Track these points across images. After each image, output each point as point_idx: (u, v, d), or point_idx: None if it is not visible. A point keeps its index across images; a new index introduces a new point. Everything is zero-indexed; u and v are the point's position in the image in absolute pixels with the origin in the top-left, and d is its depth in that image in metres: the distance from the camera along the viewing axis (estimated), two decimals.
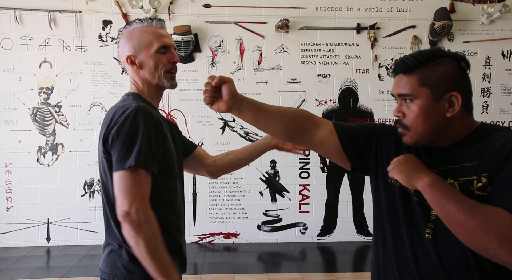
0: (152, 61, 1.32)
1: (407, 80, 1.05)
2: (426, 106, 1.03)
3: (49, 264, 3.41)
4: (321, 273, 3.30)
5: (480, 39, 3.86)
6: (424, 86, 1.03)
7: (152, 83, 1.35)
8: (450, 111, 1.02)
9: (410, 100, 1.05)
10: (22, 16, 3.62)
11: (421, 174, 1.01)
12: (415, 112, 1.04)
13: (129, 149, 1.18)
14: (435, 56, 1.03)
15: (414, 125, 1.05)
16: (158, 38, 1.33)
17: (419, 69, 1.04)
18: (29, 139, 3.72)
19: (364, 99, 3.89)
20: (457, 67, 1.04)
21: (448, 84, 1.02)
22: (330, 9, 3.81)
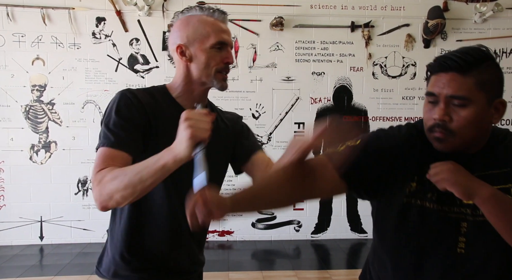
0: (205, 57, 1.18)
1: (464, 80, 0.92)
2: (480, 113, 0.93)
3: (42, 263, 3.39)
4: (315, 270, 3.32)
5: (473, 38, 3.89)
6: (481, 91, 0.92)
7: (198, 79, 1.21)
8: (496, 118, 0.97)
9: (463, 104, 0.93)
10: (14, 12, 3.59)
11: (480, 185, 0.92)
12: (467, 118, 0.93)
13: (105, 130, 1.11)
14: (487, 56, 0.95)
15: (462, 131, 0.94)
16: (217, 32, 1.19)
17: (475, 70, 0.92)
18: (22, 137, 3.69)
19: (358, 97, 3.91)
20: (500, 71, 0.98)
21: (498, 89, 0.96)
22: (325, 7, 3.81)
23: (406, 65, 3.90)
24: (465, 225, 0.99)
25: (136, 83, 3.73)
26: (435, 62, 0.97)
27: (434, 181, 0.95)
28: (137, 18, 3.69)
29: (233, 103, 3.81)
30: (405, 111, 3.91)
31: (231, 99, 3.80)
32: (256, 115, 3.85)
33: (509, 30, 3.90)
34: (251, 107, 3.84)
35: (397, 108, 3.91)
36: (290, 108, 3.87)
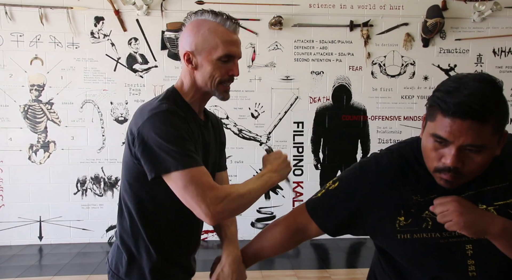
0: (210, 68, 1.19)
1: (482, 129, 0.85)
2: (492, 153, 0.89)
3: (41, 263, 3.39)
4: (315, 269, 3.32)
5: (471, 37, 3.89)
6: (495, 135, 0.87)
7: (201, 88, 1.23)
8: (498, 149, 0.91)
9: (478, 151, 0.87)
10: (12, 12, 3.58)
11: (490, 221, 0.89)
12: (480, 163, 0.88)
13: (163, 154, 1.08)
14: (500, 89, 0.88)
15: (473, 174, 0.91)
16: (226, 44, 1.18)
17: (493, 114, 0.85)
18: (21, 137, 3.68)
19: (357, 96, 3.91)
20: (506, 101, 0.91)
21: (506, 123, 0.90)
22: (324, 6, 3.81)
23: (405, 64, 3.90)
24: (470, 247, 0.96)
25: (134, 83, 3.72)
26: (451, 104, 0.85)
27: (442, 223, 0.93)
28: (136, 18, 3.68)
29: (232, 103, 3.81)
30: (404, 110, 3.91)
31: (230, 98, 3.79)
32: (255, 115, 3.85)
33: (508, 29, 3.90)
34: (250, 107, 3.84)
35: (396, 107, 3.92)
36: (289, 107, 3.87)
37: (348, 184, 1.10)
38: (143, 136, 1.11)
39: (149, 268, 1.24)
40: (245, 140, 3.85)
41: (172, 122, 1.11)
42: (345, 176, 1.13)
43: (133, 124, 1.16)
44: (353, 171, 1.12)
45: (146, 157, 1.10)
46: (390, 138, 3.92)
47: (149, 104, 1.19)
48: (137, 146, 1.12)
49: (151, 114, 1.11)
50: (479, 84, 0.86)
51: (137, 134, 1.12)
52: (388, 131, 3.93)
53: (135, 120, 1.16)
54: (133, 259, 1.25)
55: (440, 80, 1.01)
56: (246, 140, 3.85)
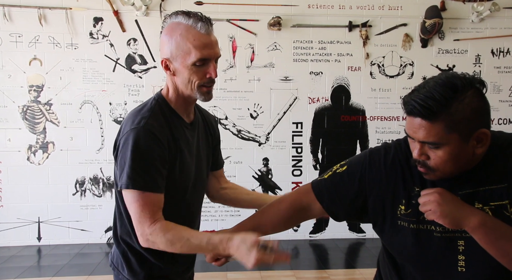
0: (187, 73, 1.20)
1: (431, 127, 0.92)
2: (456, 151, 0.93)
3: (40, 264, 3.38)
4: (314, 270, 3.32)
5: (470, 37, 3.90)
6: (452, 132, 0.91)
7: (183, 93, 1.26)
8: (479, 147, 0.94)
9: (436, 147, 0.94)
10: (11, 12, 3.57)
11: (468, 214, 0.92)
12: (443, 158, 0.94)
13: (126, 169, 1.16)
14: (457, 91, 0.90)
15: (441, 168, 0.96)
16: (198, 48, 1.17)
17: (443, 114, 0.90)
18: (19, 138, 3.68)
19: (356, 96, 3.91)
20: (480, 98, 0.93)
21: (476, 122, 0.92)
22: (322, 7, 3.81)
23: (403, 64, 3.90)
24: (462, 243, 0.98)
25: (133, 83, 3.72)
26: (403, 102, 0.98)
27: (423, 212, 0.98)
28: (135, 18, 3.68)
29: (231, 103, 3.81)
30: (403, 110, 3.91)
31: (229, 99, 3.80)
32: (254, 115, 3.85)
33: (506, 30, 3.91)
34: (249, 107, 3.84)
35: (395, 108, 3.92)
36: (288, 108, 3.87)
37: (355, 168, 1.13)
38: (119, 147, 1.21)
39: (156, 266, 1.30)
40: (244, 140, 3.85)
41: (147, 139, 1.17)
42: (353, 161, 1.16)
43: (120, 132, 1.24)
44: (362, 156, 1.15)
45: (117, 167, 1.20)
46: (389, 138, 3.92)
47: (134, 114, 1.24)
48: (115, 154, 1.23)
49: (131, 129, 1.18)
50: (434, 86, 0.92)
51: (117, 144, 1.23)
52: (387, 132, 3.94)
53: (122, 129, 1.24)
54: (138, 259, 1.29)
55: None
56: (245, 141, 3.85)
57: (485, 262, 0.94)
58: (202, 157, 1.36)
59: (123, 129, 1.22)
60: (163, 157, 1.19)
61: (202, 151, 1.37)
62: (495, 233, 0.90)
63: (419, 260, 1.04)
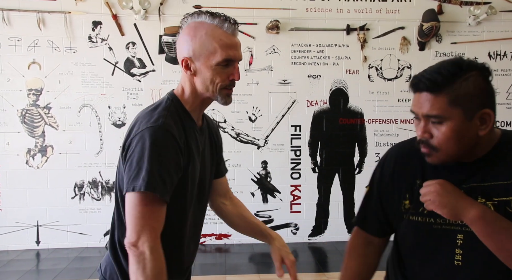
0: (210, 73, 1.15)
1: (435, 100, 0.95)
2: (459, 128, 0.94)
3: (39, 268, 3.38)
4: (313, 273, 3.32)
5: (467, 41, 3.92)
6: (456, 107, 0.94)
7: (202, 94, 1.20)
8: (483, 129, 0.96)
9: (439, 122, 0.96)
10: (10, 16, 3.58)
11: (468, 206, 0.93)
12: (446, 134, 0.95)
13: (139, 171, 1.07)
14: (462, 69, 0.94)
15: (444, 147, 0.97)
16: (224, 48, 1.14)
17: (447, 87, 0.93)
18: (18, 141, 3.68)
19: (354, 99, 3.92)
20: (485, 81, 0.97)
21: (480, 101, 0.95)
22: (320, 10, 3.83)
23: (401, 67, 3.92)
24: (461, 237, 0.99)
25: (132, 87, 3.73)
26: (411, 82, 1.01)
27: (423, 202, 1.00)
28: (134, 22, 3.69)
29: (229, 106, 3.79)
30: (401, 113, 3.93)
31: None
32: (253, 118, 3.86)
33: (503, 33, 3.93)
34: (248, 110, 3.85)
35: (393, 111, 3.93)
36: (287, 111, 3.89)
37: (372, 184, 1.20)
38: (130, 147, 1.12)
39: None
40: (242, 143, 3.86)
41: (164, 143, 1.10)
42: (371, 178, 1.22)
43: (131, 131, 1.16)
44: (374, 171, 1.22)
45: (123, 169, 1.13)
46: (387, 141, 3.93)
47: (149, 113, 1.17)
48: (126, 151, 1.14)
49: (147, 127, 1.11)
50: (442, 64, 0.97)
51: (127, 143, 1.14)
52: (385, 134, 3.95)
53: (133, 128, 1.16)
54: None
55: None
56: (243, 144, 3.86)
57: (482, 258, 0.95)
58: (207, 165, 1.30)
59: (137, 127, 1.13)
60: (178, 162, 1.13)
61: (207, 159, 1.31)
62: (493, 227, 0.91)
63: (418, 251, 1.06)
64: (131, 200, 1.08)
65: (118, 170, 1.22)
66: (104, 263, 1.29)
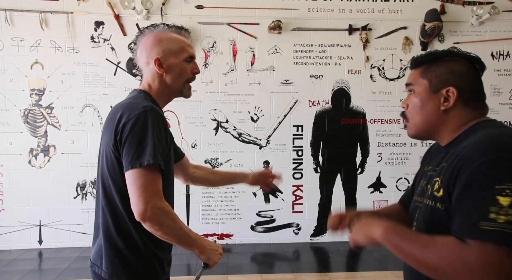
0: (179, 68, 1.39)
1: (413, 72, 1.12)
2: (423, 97, 1.07)
3: (41, 267, 3.38)
4: (315, 273, 3.32)
5: (470, 40, 3.91)
6: (424, 78, 1.08)
7: (171, 88, 1.41)
8: (444, 105, 1.05)
9: (413, 90, 1.11)
10: (13, 17, 3.59)
11: (373, 228, 1.00)
12: (413, 102, 1.10)
13: (144, 147, 1.21)
14: (444, 54, 1.08)
15: (411, 115, 1.11)
16: (187, 47, 1.41)
17: (424, 64, 1.09)
18: (21, 141, 3.69)
19: (356, 99, 3.92)
20: (465, 66, 1.06)
21: (447, 79, 1.04)
22: (322, 10, 3.83)
23: (403, 67, 3.91)
24: (417, 212, 1.10)
25: (134, 87, 3.71)
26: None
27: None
28: (136, 22, 3.70)
29: (231, 106, 3.82)
30: None
31: (229, 102, 3.81)
32: (255, 118, 3.86)
33: (506, 33, 3.92)
34: (250, 110, 3.85)
35: (395, 111, 3.92)
36: (289, 111, 3.88)
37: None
38: (125, 130, 1.23)
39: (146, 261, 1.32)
40: (244, 143, 3.86)
41: (158, 123, 1.26)
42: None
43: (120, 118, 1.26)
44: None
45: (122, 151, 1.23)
46: (389, 141, 3.92)
47: (132, 102, 1.30)
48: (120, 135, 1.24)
49: (141, 111, 1.24)
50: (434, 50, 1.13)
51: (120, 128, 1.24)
52: (387, 134, 3.94)
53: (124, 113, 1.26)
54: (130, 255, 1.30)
55: None
56: (245, 144, 3.86)
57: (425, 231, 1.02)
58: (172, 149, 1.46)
59: (127, 114, 1.25)
60: (167, 140, 1.31)
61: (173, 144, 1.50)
62: (395, 239, 0.95)
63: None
64: (139, 174, 1.20)
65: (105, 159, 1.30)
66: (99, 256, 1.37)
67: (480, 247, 0.80)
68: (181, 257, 3.32)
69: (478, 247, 0.80)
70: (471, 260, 0.80)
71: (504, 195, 0.80)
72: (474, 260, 0.80)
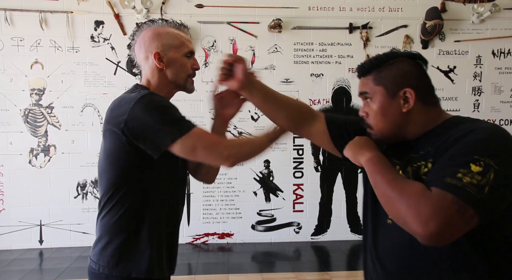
0: (180, 62, 1.36)
1: (365, 81, 1.12)
2: (382, 104, 1.07)
3: (42, 267, 3.38)
4: (315, 272, 3.32)
5: (471, 38, 3.90)
6: (379, 85, 1.08)
7: (172, 83, 1.38)
8: (405, 107, 1.06)
9: (370, 98, 1.10)
10: (12, 16, 3.59)
11: (365, 151, 1.07)
12: (374, 110, 1.09)
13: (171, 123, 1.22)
14: (389, 57, 1.09)
15: (374, 123, 1.10)
16: (187, 42, 1.38)
17: (373, 70, 1.10)
18: (21, 141, 3.69)
19: (357, 98, 3.91)
20: (411, 65, 1.09)
21: (402, 81, 1.06)
22: (323, 9, 3.82)
23: None
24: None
25: None
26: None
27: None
28: (136, 21, 3.69)
29: None
30: None
31: None
32: (255, 117, 3.86)
33: (507, 31, 3.91)
34: (250, 109, 3.85)
35: None
36: None
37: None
38: (138, 119, 1.20)
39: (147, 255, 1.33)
40: None
41: (160, 99, 1.26)
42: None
43: (118, 114, 1.23)
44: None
45: (149, 135, 1.20)
46: None
47: (129, 95, 1.29)
48: (133, 130, 1.21)
49: (139, 99, 1.22)
50: (376, 55, 1.12)
51: (129, 120, 1.21)
52: None
53: (120, 110, 1.23)
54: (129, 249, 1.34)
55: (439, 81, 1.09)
56: None
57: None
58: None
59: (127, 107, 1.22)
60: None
61: None
62: (375, 167, 1.02)
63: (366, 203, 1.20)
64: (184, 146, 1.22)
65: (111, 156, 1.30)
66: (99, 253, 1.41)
67: (439, 193, 0.87)
68: (181, 257, 3.32)
69: (437, 193, 0.87)
70: (426, 201, 0.86)
71: (477, 165, 0.87)
72: (429, 201, 0.86)
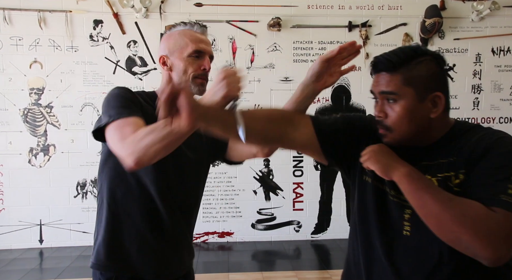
0: (182, 64, 1.30)
1: (390, 78, 1.01)
2: (411, 107, 1.00)
3: (42, 266, 3.39)
4: (316, 270, 3.32)
5: (470, 36, 3.89)
6: (408, 86, 0.99)
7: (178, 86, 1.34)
8: (434, 112, 1.00)
9: (394, 100, 1.01)
10: (11, 16, 3.58)
11: (398, 165, 0.98)
12: (398, 113, 1.01)
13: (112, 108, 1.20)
14: (417, 53, 1.01)
15: (397, 126, 1.02)
16: (194, 42, 1.31)
17: (402, 68, 1.00)
18: (20, 140, 3.68)
19: (356, 96, 3.91)
20: (438, 66, 1.03)
21: (432, 84, 1.00)
22: (322, 7, 3.81)
23: None
24: (409, 212, 1.02)
25: (134, 85, 3.72)
26: (371, 63, 1.08)
27: (361, 162, 1.05)
28: (135, 20, 3.69)
29: None
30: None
31: None
32: None
33: (506, 28, 3.91)
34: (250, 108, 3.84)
35: None
36: None
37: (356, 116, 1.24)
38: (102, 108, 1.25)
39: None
40: None
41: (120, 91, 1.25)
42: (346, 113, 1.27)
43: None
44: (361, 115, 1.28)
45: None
46: None
47: None
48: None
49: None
50: (399, 48, 1.04)
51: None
52: None
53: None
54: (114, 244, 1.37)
55: None
56: None
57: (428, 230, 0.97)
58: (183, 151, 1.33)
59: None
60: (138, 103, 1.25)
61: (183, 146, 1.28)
62: (418, 183, 0.95)
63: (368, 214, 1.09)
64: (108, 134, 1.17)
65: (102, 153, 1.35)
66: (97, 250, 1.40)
67: (504, 214, 0.86)
68: None
69: (503, 214, 0.86)
70: (494, 224, 0.86)
71: None
72: (498, 226, 0.86)
